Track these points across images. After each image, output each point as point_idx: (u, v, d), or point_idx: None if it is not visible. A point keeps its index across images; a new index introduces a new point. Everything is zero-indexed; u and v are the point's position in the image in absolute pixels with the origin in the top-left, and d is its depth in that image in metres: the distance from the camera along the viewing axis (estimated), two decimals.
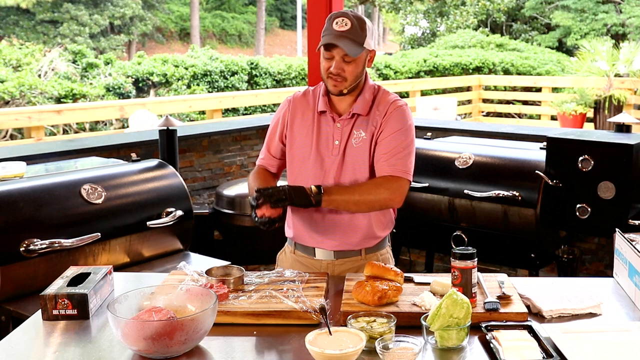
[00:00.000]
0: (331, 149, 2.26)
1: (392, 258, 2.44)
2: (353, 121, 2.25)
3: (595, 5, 20.20)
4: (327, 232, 2.29)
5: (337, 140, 2.25)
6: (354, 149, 2.24)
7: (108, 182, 3.06)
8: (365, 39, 2.16)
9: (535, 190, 3.51)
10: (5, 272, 2.63)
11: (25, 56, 12.10)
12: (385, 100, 2.27)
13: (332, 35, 2.14)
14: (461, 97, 12.56)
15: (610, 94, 10.48)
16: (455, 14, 20.93)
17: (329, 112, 2.26)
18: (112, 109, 8.12)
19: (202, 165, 4.79)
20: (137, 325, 1.62)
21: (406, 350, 1.59)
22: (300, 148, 2.29)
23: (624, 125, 3.68)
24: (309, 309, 1.83)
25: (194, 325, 1.63)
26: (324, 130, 2.27)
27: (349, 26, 2.13)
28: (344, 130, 2.25)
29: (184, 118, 10.79)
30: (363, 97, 2.25)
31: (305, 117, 2.31)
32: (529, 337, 1.69)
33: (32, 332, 1.87)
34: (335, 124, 2.26)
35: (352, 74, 2.18)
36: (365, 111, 2.24)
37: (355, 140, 2.24)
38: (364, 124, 2.25)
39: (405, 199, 2.25)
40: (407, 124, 2.25)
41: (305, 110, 2.31)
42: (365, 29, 2.16)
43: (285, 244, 2.47)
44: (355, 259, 2.31)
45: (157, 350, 1.62)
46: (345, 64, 2.16)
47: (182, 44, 27.54)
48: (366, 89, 2.26)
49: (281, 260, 2.47)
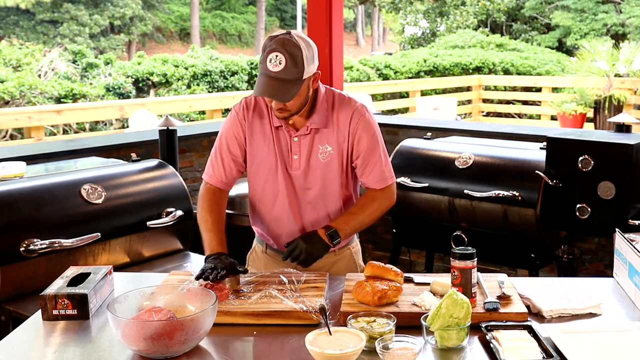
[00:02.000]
0: (291, 163, 2.22)
1: (359, 249, 2.47)
2: (312, 136, 2.20)
3: (595, 5, 20.20)
4: (294, 232, 2.28)
5: (296, 155, 2.21)
6: (321, 164, 2.22)
7: (108, 182, 3.06)
8: (303, 70, 2.03)
9: (535, 190, 3.51)
10: (5, 272, 2.63)
11: (25, 56, 12.10)
12: (345, 109, 2.20)
13: (264, 77, 2.02)
14: (461, 97, 12.56)
15: (610, 94, 10.48)
16: (455, 14, 20.94)
17: (285, 127, 2.20)
18: (112, 109, 8.12)
19: (202, 165, 4.79)
20: (137, 325, 1.63)
21: (406, 350, 1.59)
22: (266, 162, 2.23)
23: (624, 125, 3.67)
24: (309, 309, 1.83)
25: (194, 325, 1.63)
26: (283, 144, 2.23)
27: (283, 65, 1.99)
28: (302, 145, 2.20)
29: (184, 118, 10.78)
30: (319, 112, 2.18)
31: (263, 130, 2.23)
32: (529, 337, 1.69)
33: (32, 332, 1.87)
34: (292, 138, 2.21)
35: (295, 105, 2.10)
36: (323, 124, 2.19)
37: (322, 155, 2.21)
38: (329, 137, 2.20)
39: (406, 199, 2.29)
40: (374, 130, 2.25)
41: (261, 123, 2.23)
42: (301, 59, 2.01)
43: (254, 243, 2.45)
44: (329, 256, 2.29)
45: (157, 350, 1.62)
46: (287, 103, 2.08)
47: (182, 44, 27.55)
48: (319, 102, 2.19)
49: (252, 260, 2.46)
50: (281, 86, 2.01)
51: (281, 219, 2.29)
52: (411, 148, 4.05)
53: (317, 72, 2.13)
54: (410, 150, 4.05)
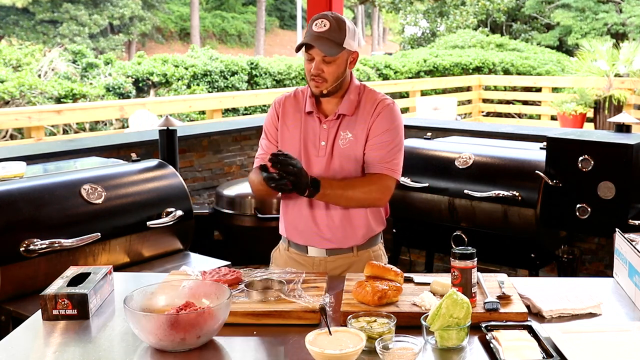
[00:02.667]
0: (318, 150, 2.27)
1: (384, 255, 2.45)
2: (339, 122, 2.26)
3: (595, 4, 20.21)
4: (320, 230, 2.30)
5: (324, 141, 2.26)
6: (340, 150, 2.25)
7: (108, 182, 3.06)
8: (345, 39, 2.16)
9: (535, 190, 3.51)
10: (5, 272, 2.63)
11: (25, 56, 12.10)
12: (372, 99, 2.27)
13: (310, 36, 2.15)
14: (461, 97, 12.56)
15: (610, 94, 10.48)
16: (455, 14, 20.94)
17: (315, 113, 2.27)
18: (112, 109, 8.12)
19: (202, 165, 4.79)
20: (166, 319, 1.64)
21: (406, 350, 1.59)
22: (290, 148, 2.28)
23: (624, 125, 3.68)
24: (308, 308, 1.83)
25: (214, 316, 1.68)
26: (310, 131, 2.28)
27: (327, 27, 2.14)
28: (330, 132, 2.26)
29: (184, 118, 10.78)
30: (348, 98, 2.25)
31: (295, 117, 2.31)
32: (529, 337, 1.69)
33: (32, 332, 1.86)
34: (321, 125, 2.27)
35: (333, 74, 2.18)
36: (350, 111, 2.25)
37: (342, 141, 2.25)
38: (351, 125, 2.25)
39: (406, 199, 2.27)
40: (395, 122, 2.27)
41: (294, 111, 2.32)
42: (344, 29, 2.17)
43: (280, 242, 2.48)
44: (347, 256, 2.33)
45: (172, 343, 1.65)
46: (325, 65, 2.17)
47: (182, 44, 27.55)
48: (351, 89, 2.27)
49: (275, 258, 2.48)
50: (324, 42, 2.13)
51: (300, 208, 2.30)
52: (411, 148, 4.05)
53: (356, 52, 2.24)
54: (410, 150, 4.04)
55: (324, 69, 2.17)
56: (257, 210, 4.02)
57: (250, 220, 4.06)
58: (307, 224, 2.31)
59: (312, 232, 2.32)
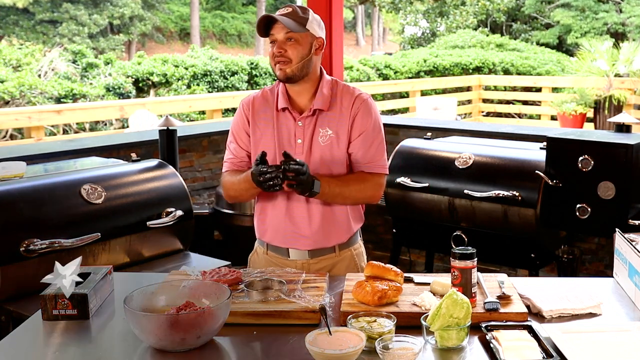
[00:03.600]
0: (294, 148, 2.24)
1: (364, 252, 2.44)
2: (315, 118, 2.24)
3: (595, 4, 20.21)
4: (302, 230, 2.27)
5: (300, 138, 2.24)
6: (321, 147, 2.23)
7: (108, 182, 3.06)
8: (308, 20, 2.19)
9: (535, 190, 3.51)
10: (5, 272, 2.63)
11: (25, 56, 12.10)
12: (348, 94, 2.26)
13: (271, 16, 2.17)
14: (461, 97, 12.56)
15: (610, 94, 10.48)
16: (455, 14, 20.93)
17: (289, 109, 2.25)
18: (112, 109, 8.12)
19: (202, 165, 4.79)
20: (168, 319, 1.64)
21: (406, 350, 1.59)
22: (264, 149, 2.22)
23: (624, 125, 3.67)
24: (308, 308, 1.83)
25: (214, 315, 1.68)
26: (284, 129, 2.25)
27: (290, 10, 2.18)
28: (306, 129, 2.24)
29: (184, 118, 10.78)
30: (321, 93, 2.24)
31: (266, 116, 2.28)
32: (529, 337, 1.69)
33: (32, 332, 1.86)
34: (296, 122, 2.24)
35: (296, 55, 2.17)
36: (326, 106, 2.24)
37: (322, 138, 2.23)
38: (329, 121, 2.23)
39: (406, 199, 2.27)
40: (375, 117, 2.28)
41: (265, 109, 2.29)
42: (307, 13, 2.20)
43: (256, 245, 2.44)
44: (330, 257, 2.31)
45: (173, 343, 1.65)
46: (288, 46, 2.16)
47: (182, 44, 27.54)
48: (324, 84, 2.26)
49: (253, 262, 2.44)
50: (287, 19, 2.15)
51: (279, 209, 2.28)
52: (411, 148, 4.05)
53: (321, 38, 2.24)
54: (410, 150, 4.05)
55: (287, 49, 2.16)
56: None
57: (250, 220, 4.02)
58: (287, 225, 2.28)
59: (292, 233, 2.28)
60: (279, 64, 2.18)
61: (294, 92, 2.26)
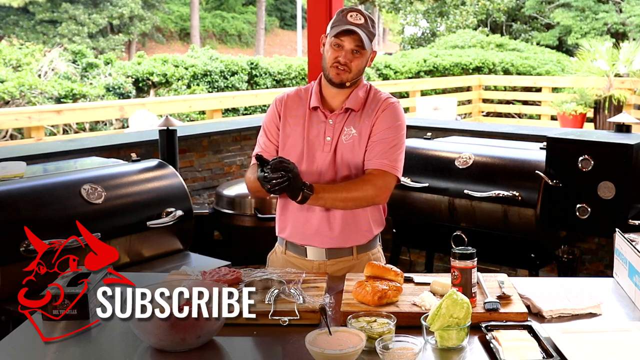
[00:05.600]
0: (322, 146, 2.25)
1: (383, 257, 2.43)
2: (345, 117, 2.26)
3: (595, 4, 20.21)
4: (321, 228, 2.26)
5: (329, 136, 2.25)
6: (343, 146, 2.24)
7: (108, 182, 3.06)
8: (375, 36, 2.23)
9: (535, 190, 3.51)
10: (5, 272, 2.63)
11: (25, 56, 12.10)
12: (377, 98, 2.29)
13: (349, 24, 2.17)
14: (461, 97, 12.56)
15: (610, 94, 10.48)
16: (455, 14, 20.93)
17: (321, 108, 2.27)
18: (112, 109, 8.12)
19: (202, 165, 4.79)
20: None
21: (406, 350, 1.59)
22: (293, 146, 2.27)
23: (624, 125, 3.68)
24: (308, 308, 1.83)
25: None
26: (315, 126, 2.27)
27: (363, 21, 2.19)
28: (335, 127, 2.25)
29: (184, 118, 10.78)
30: (356, 94, 2.27)
31: (297, 114, 2.30)
32: (529, 337, 1.69)
33: (32, 332, 1.86)
34: (327, 120, 2.26)
35: (357, 67, 2.21)
36: (357, 107, 2.26)
37: (345, 137, 2.25)
38: (355, 121, 2.25)
39: (406, 199, 2.26)
40: (398, 121, 2.27)
41: (297, 107, 2.31)
42: (375, 27, 2.23)
43: (276, 244, 2.44)
44: (347, 259, 2.30)
45: (173, 342, 1.65)
46: (353, 56, 2.19)
47: (182, 44, 27.53)
48: (360, 86, 2.30)
49: (272, 261, 2.45)
50: (364, 33, 2.17)
51: (300, 205, 2.22)
52: (411, 148, 4.05)
53: (375, 51, 2.29)
54: (410, 150, 4.04)
55: (352, 59, 2.19)
56: (257, 210, 4.02)
57: (250, 220, 4.06)
58: (307, 221, 2.28)
59: (312, 230, 2.28)
60: (337, 69, 2.20)
61: (331, 94, 2.28)
